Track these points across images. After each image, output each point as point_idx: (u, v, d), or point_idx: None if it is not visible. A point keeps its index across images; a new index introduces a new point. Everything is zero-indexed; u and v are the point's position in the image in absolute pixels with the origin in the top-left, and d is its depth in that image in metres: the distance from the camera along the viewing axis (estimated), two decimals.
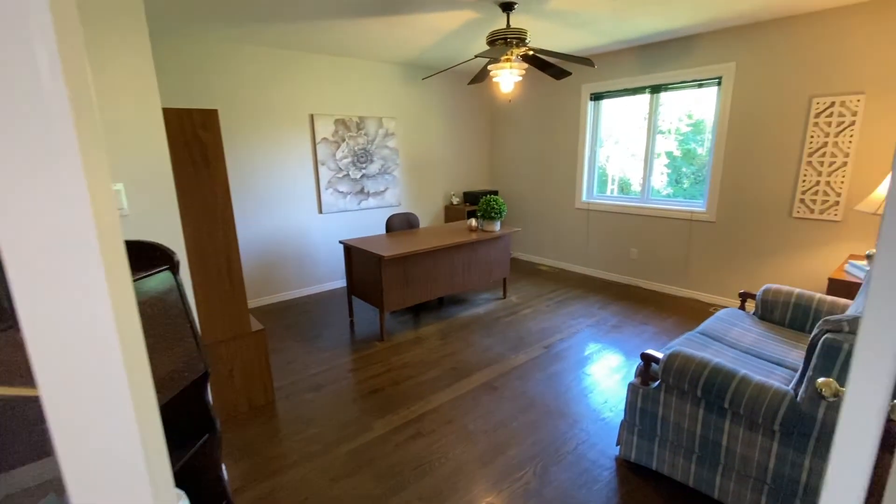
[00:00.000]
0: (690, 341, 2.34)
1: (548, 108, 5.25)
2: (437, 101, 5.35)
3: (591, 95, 4.82)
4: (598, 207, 4.95)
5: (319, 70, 4.33)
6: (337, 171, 4.62)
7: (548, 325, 3.74)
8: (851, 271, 2.74)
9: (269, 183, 4.21)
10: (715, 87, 3.92)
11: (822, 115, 3.33)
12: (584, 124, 4.92)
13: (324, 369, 3.07)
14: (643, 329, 3.64)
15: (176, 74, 3.58)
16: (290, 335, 3.65)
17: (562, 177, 5.26)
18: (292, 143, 4.29)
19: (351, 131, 4.65)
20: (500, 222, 4.15)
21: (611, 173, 4.98)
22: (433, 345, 3.41)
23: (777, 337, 2.41)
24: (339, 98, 4.52)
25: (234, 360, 2.53)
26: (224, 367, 2.49)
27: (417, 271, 3.57)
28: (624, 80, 4.48)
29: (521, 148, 5.67)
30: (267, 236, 4.29)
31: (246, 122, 3.98)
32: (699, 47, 3.90)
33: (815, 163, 3.40)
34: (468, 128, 5.76)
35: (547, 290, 4.68)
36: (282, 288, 4.49)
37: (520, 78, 3.11)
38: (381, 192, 5.03)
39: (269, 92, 4.06)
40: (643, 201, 4.62)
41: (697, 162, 4.27)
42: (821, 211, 3.42)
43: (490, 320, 3.87)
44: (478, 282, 4.08)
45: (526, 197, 5.75)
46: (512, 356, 3.20)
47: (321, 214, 4.62)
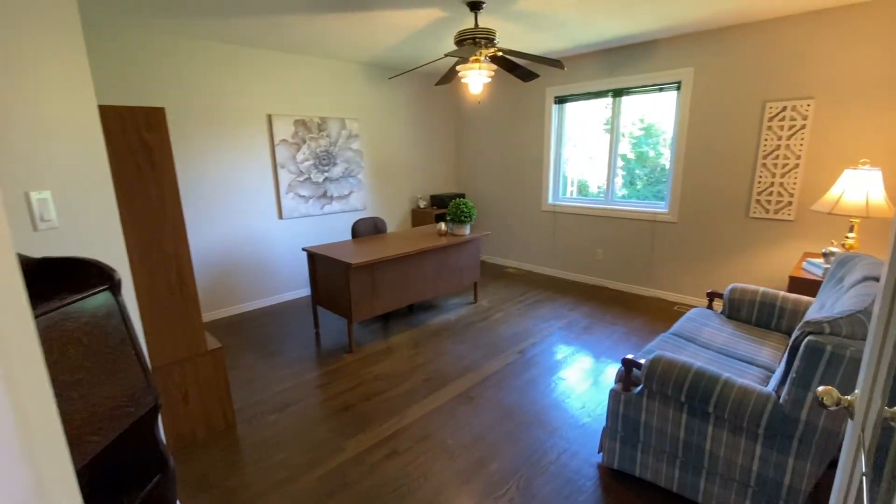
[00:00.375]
0: (666, 343, 2.34)
1: (513, 110, 5.25)
2: (403, 103, 5.23)
3: (555, 98, 4.85)
4: (564, 210, 4.99)
5: (277, 68, 4.10)
6: (298, 174, 4.40)
7: (520, 329, 3.70)
8: (809, 269, 2.86)
9: (224, 187, 3.94)
10: (675, 92, 4.03)
11: (774, 118, 3.48)
12: (548, 127, 4.94)
13: (288, 386, 2.87)
14: (613, 330, 3.67)
15: (118, 70, 3.27)
16: (250, 351, 3.41)
17: (528, 179, 5.27)
18: (249, 145, 4.04)
19: (312, 133, 4.44)
20: (470, 226, 4.09)
21: (570, 176, 5.05)
22: (405, 355, 3.29)
23: (746, 336, 2.46)
24: (298, 98, 4.30)
25: (189, 383, 2.30)
26: (177, 391, 2.26)
27: (387, 278, 3.43)
28: (587, 84, 4.54)
29: (488, 150, 5.65)
30: (223, 244, 4.01)
31: (198, 122, 3.70)
32: (659, 52, 4.00)
33: (770, 165, 3.55)
34: (434, 130, 5.67)
35: (517, 292, 4.66)
36: (240, 299, 4.21)
37: (489, 79, 3.05)
38: (346, 195, 4.84)
39: (222, 90, 3.80)
40: (607, 203, 4.69)
41: (650, 164, 4.40)
42: (775, 211, 3.58)
43: (462, 326, 3.79)
44: (449, 287, 3.99)
45: (493, 199, 5.73)
46: (486, 363, 3.12)
47: (281, 220, 4.38)
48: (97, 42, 3.17)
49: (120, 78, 3.29)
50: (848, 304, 1.57)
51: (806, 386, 1.45)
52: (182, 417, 2.31)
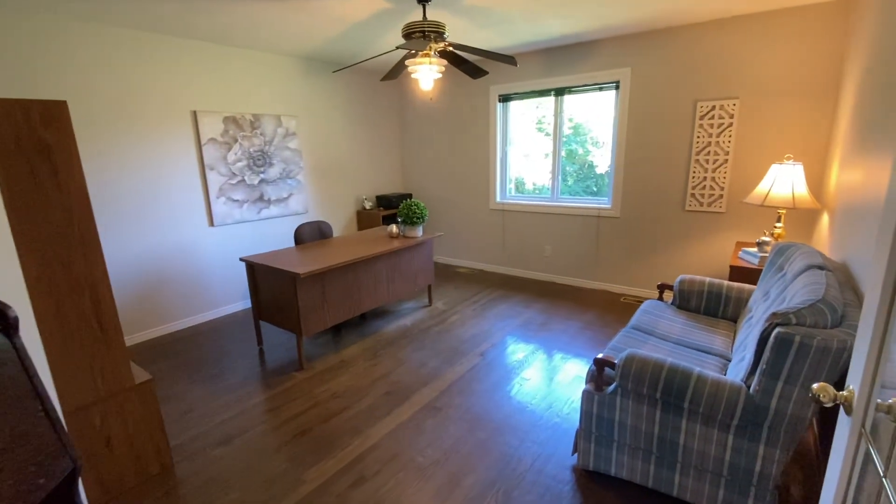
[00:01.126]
0: (628, 338, 2.38)
1: (459, 108, 5.18)
2: (344, 99, 4.97)
3: (499, 97, 4.84)
4: (512, 208, 5.01)
5: (202, 60, 3.70)
6: (230, 176, 4.01)
7: (478, 331, 3.64)
8: (745, 258, 3.06)
9: (145, 193, 3.48)
10: (614, 91, 4.16)
11: (705, 117, 3.70)
12: (493, 125, 4.93)
13: (233, 414, 2.58)
14: (568, 325, 3.72)
15: (10, 59, 2.75)
16: (185, 376, 3.04)
17: (475, 178, 5.24)
18: (172, 145, 3.60)
19: (244, 131, 4.07)
20: (423, 227, 3.96)
21: (508, 174, 5.10)
22: (362, 367, 3.09)
23: (698, 325, 2.57)
24: (228, 93, 3.92)
25: (113, 425, 1.97)
26: (98, 437, 1.92)
27: (338, 287, 3.21)
28: (530, 83, 4.57)
29: (434, 149, 5.54)
30: (147, 258, 3.55)
31: (111, 119, 3.23)
32: (599, 52, 4.11)
33: (702, 160, 3.77)
34: (378, 128, 5.46)
35: (471, 293, 4.60)
36: (171, 317, 3.76)
37: (440, 75, 2.94)
38: (285, 198, 4.51)
39: (138, 84, 3.34)
40: (553, 200, 4.78)
41: (578, 160, 4.56)
42: (708, 204, 3.81)
43: (419, 331, 3.65)
44: (403, 291, 3.83)
45: (441, 199, 5.63)
46: (448, 369, 3.02)
47: (213, 227, 3.97)
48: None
49: (12, 68, 2.77)
50: (803, 294, 1.64)
51: (776, 376, 1.50)
52: (106, 465, 1.97)
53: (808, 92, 3.23)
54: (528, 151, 4.88)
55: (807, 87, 3.24)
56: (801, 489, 1.92)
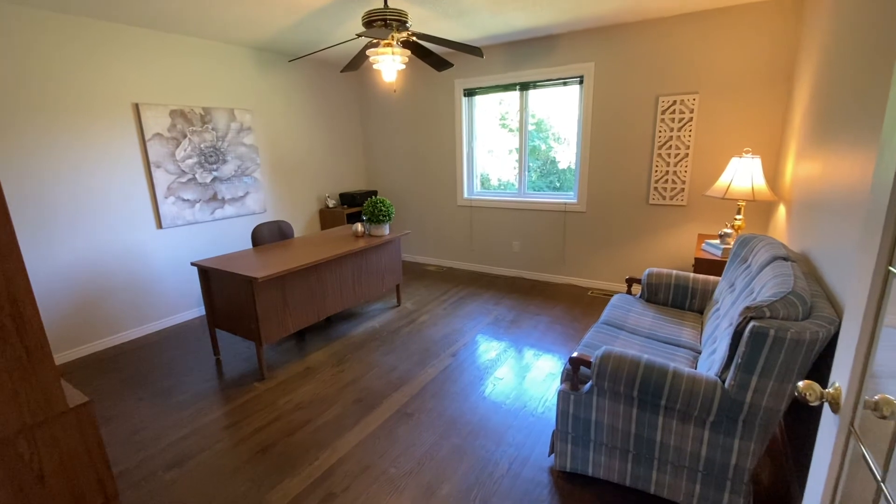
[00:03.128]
0: (599, 334, 2.36)
1: (423, 102, 5.06)
2: (302, 92, 4.74)
3: (464, 91, 4.76)
4: (480, 204, 4.96)
5: (144, 49, 3.40)
6: (179, 174, 3.73)
7: (449, 330, 3.56)
8: (708, 250, 3.12)
9: (78, 195, 3.17)
10: (577, 86, 4.17)
11: (666, 112, 3.76)
12: (459, 120, 4.85)
13: (187, 433, 2.38)
14: (538, 321, 3.70)
15: None
16: (130, 393, 2.79)
17: (442, 174, 5.14)
18: (110, 141, 3.30)
19: (194, 125, 3.79)
20: (389, 225, 3.83)
21: (476, 170, 5.05)
22: (328, 374, 2.95)
23: (666, 318, 2.59)
24: (174, 84, 3.63)
25: (45, 457, 1.74)
26: (27, 471, 1.69)
27: (300, 291, 3.04)
28: (495, 77, 4.52)
29: (399, 144, 5.40)
30: (83, 266, 3.24)
31: (35, 112, 2.90)
32: (563, 46, 4.10)
33: (664, 154, 3.84)
34: (339, 122, 5.25)
35: (440, 291, 4.52)
36: (113, 329, 3.46)
37: (403, 66, 2.81)
38: (241, 197, 4.25)
39: (69, 74, 3.03)
40: (520, 196, 4.75)
41: (541, 156, 4.58)
42: (671, 197, 3.88)
43: (388, 333, 3.53)
44: (370, 292, 3.69)
45: (407, 196, 5.50)
46: (420, 372, 2.92)
47: (161, 230, 3.69)
48: None
49: None
50: (772, 286, 1.65)
51: (750, 370, 1.49)
52: (40, 502, 1.75)
53: (764, 86, 3.33)
54: (493, 147, 4.83)
55: (763, 81, 3.33)
56: (769, 476, 1.96)
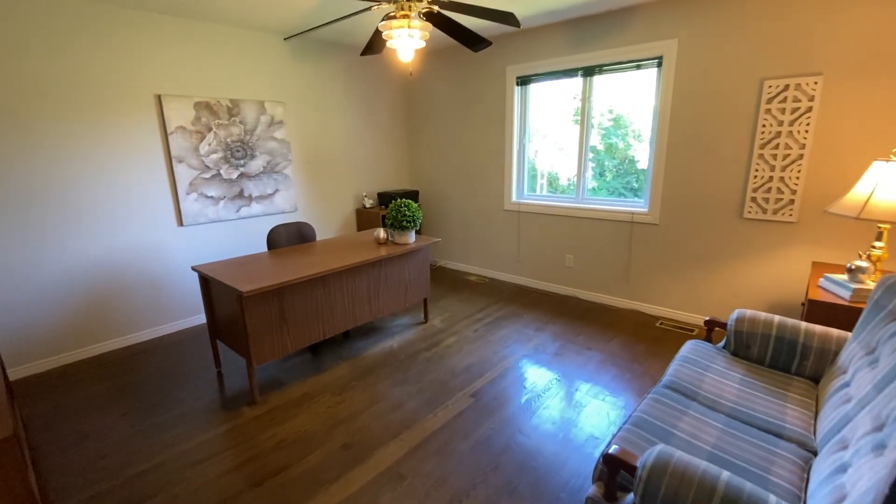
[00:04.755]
0: (660, 405, 1.69)
1: (470, 94, 4.53)
2: (340, 83, 4.42)
3: (517, 79, 4.15)
4: (530, 209, 4.32)
5: (167, 37, 3.23)
6: (202, 169, 3.55)
7: (476, 360, 3.01)
8: (830, 288, 2.27)
9: (97, 188, 3.06)
10: (655, 69, 3.39)
11: (774, 100, 2.89)
12: (510, 113, 4.25)
13: (151, 466, 2.08)
14: (589, 357, 3.03)
15: None
16: (118, 405, 2.58)
17: (489, 174, 4.58)
18: (130, 134, 3.16)
19: (220, 118, 3.59)
20: (416, 231, 3.37)
21: (540, 168, 4.37)
22: (325, 405, 2.54)
23: (762, 385, 1.84)
24: (199, 75, 3.44)
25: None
26: None
27: (302, 305, 2.67)
28: (554, 61, 3.86)
29: (443, 140, 4.91)
30: (100, 262, 3.13)
31: (54, 105, 2.80)
32: (637, 21, 3.35)
33: (768, 156, 2.97)
34: (381, 115, 4.88)
35: (476, 307, 3.97)
36: (126, 329, 3.34)
37: (422, 43, 2.31)
38: (269, 195, 4.01)
39: (88, 63, 2.90)
40: (578, 201, 4.05)
41: (619, 155, 3.81)
42: (775, 211, 3.00)
43: (405, 357, 3.07)
44: (390, 307, 3.25)
45: (450, 197, 5.01)
46: (428, 415, 2.42)
47: (182, 227, 3.53)
48: None
49: None
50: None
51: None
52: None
53: None
54: (564, 145, 4.09)
55: None
56: None
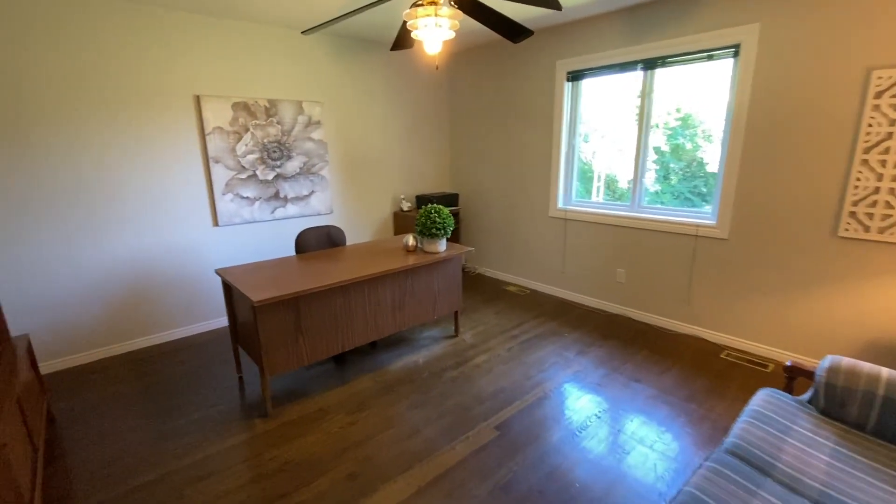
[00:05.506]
0: (721, 477, 1.34)
1: (516, 91, 4.22)
2: (380, 82, 4.28)
3: (567, 74, 3.79)
4: (577, 216, 3.95)
5: (207, 37, 3.23)
6: (238, 170, 3.53)
7: (506, 385, 2.72)
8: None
9: (136, 187, 3.11)
10: (730, 59, 2.92)
11: (885, 94, 2.35)
12: (559, 111, 3.90)
13: (153, 478, 2.01)
14: (636, 391, 2.64)
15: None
16: (138, 406, 2.57)
17: (533, 178, 4.25)
18: (169, 134, 3.19)
19: (258, 119, 3.56)
20: (447, 240, 3.14)
21: (597, 170, 3.95)
22: (338, 424, 2.38)
23: (864, 461, 1.42)
24: (237, 75, 3.42)
25: None
26: None
27: (320, 315, 2.52)
28: (609, 54, 3.47)
29: (486, 142, 4.64)
30: (136, 260, 3.19)
31: (94, 104, 2.87)
32: (709, 5, 2.90)
33: (875, 162, 2.43)
34: (423, 117, 4.70)
35: (513, 321, 3.67)
36: (159, 327, 3.39)
37: (452, 33, 2.07)
38: (305, 196, 3.95)
39: (129, 64, 2.95)
40: (633, 210, 3.63)
41: (686, 157, 3.33)
42: (880, 230, 2.45)
43: (429, 375, 2.84)
44: (416, 319, 3.05)
45: (492, 201, 4.73)
46: (445, 447, 2.18)
47: (217, 227, 3.53)
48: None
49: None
50: None
51: None
52: None
53: None
54: (624, 146, 3.66)
55: None
56: None
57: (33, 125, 2.69)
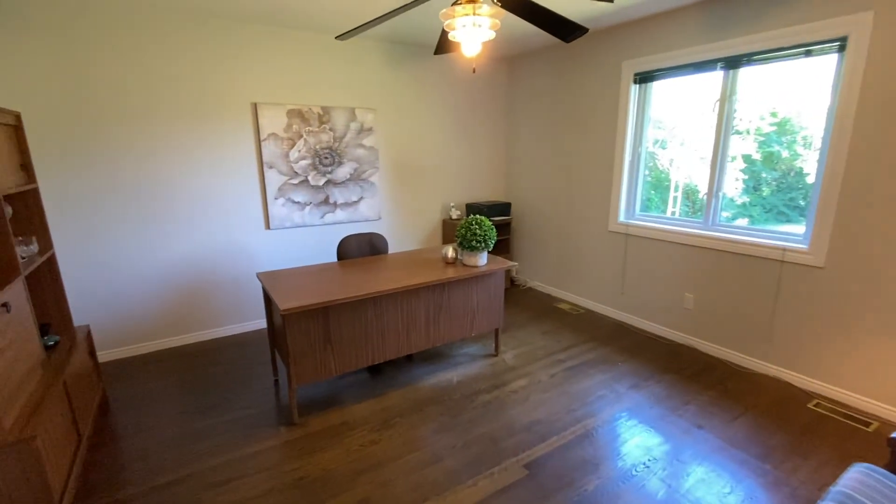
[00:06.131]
0: None
1: (575, 95, 3.94)
2: (435, 88, 4.21)
3: (634, 76, 3.46)
4: (641, 231, 3.57)
5: (265, 46, 3.34)
6: (291, 175, 3.62)
7: (543, 417, 2.48)
8: None
9: (197, 192, 3.28)
10: (835, 55, 2.46)
11: None
12: (623, 116, 3.56)
13: (175, 479, 2.04)
14: (697, 439, 2.28)
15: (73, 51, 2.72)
16: (178, 401, 2.67)
17: (593, 188, 3.93)
18: (227, 140, 3.34)
19: (311, 125, 3.63)
20: (489, 253, 2.96)
21: (675, 179, 3.53)
22: (360, 442, 2.29)
23: None
24: (293, 83, 3.51)
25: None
26: None
27: (349, 327, 2.46)
28: (682, 53, 3.10)
29: (543, 149, 4.39)
30: (194, 259, 3.36)
31: (165, 113, 3.07)
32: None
33: None
34: (478, 123, 4.56)
35: (561, 343, 3.39)
36: (211, 323, 3.55)
37: (492, 33, 1.90)
38: (354, 202, 3.97)
39: (196, 75, 3.12)
40: (707, 227, 3.20)
41: (781, 167, 2.85)
42: None
43: (461, 397, 2.68)
44: (451, 336, 2.90)
45: (546, 211, 4.46)
46: (467, 481, 2.00)
47: (269, 231, 3.64)
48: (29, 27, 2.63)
49: (75, 59, 2.74)
50: None
51: None
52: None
53: None
54: (706, 153, 3.22)
55: None
56: None
57: (109, 132, 2.92)
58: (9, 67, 2.61)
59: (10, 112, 2.17)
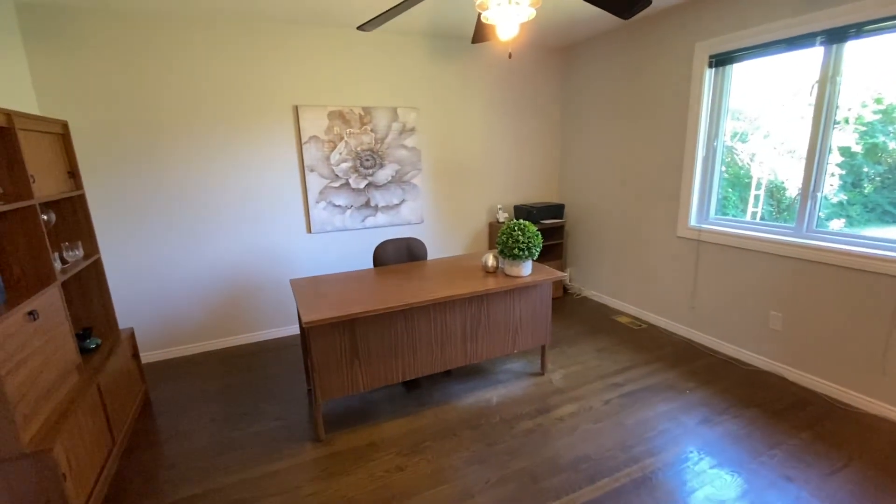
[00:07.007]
0: None
1: (640, 85, 3.52)
2: (482, 85, 3.97)
3: (710, 59, 3.00)
4: (716, 238, 3.10)
5: (307, 46, 3.29)
6: (332, 178, 3.55)
7: (593, 451, 2.16)
8: None
9: (240, 194, 3.30)
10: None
11: None
12: (696, 106, 3.11)
13: (194, 493, 1.98)
14: (784, 492, 1.86)
15: (122, 54, 2.81)
16: (214, 408, 2.65)
17: (659, 188, 3.50)
18: (269, 144, 3.32)
19: (352, 127, 3.53)
20: (533, 263, 2.67)
21: (757, 176, 3.02)
22: (385, 467, 2.11)
23: None
24: (334, 84, 3.43)
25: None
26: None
27: (378, 340, 2.30)
28: (769, 28, 2.62)
29: (601, 146, 4.00)
30: (237, 262, 3.39)
31: (206, 117, 3.10)
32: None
33: None
34: (529, 120, 4.26)
35: (618, 363, 3.02)
36: (253, 326, 3.56)
37: (532, 11, 1.64)
38: (395, 205, 3.83)
39: (239, 80, 3.13)
40: (800, 234, 2.69)
41: (887, 160, 2.30)
42: None
43: (500, 422, 2.42)
44: (490, 352, 2.65)
45: (604, 213, 4.06)
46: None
47: (310, 234, 3.60)
48: (79, 37, 2.74)
49: (127, 63, 2.83)
50: None
51: None
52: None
53: None
54: (795, 146, 2.74)
55: None
56: None
57: (156, 138, 2.99)
58: (63, 80, 2.73)
59: (57, 121, 2.24)
